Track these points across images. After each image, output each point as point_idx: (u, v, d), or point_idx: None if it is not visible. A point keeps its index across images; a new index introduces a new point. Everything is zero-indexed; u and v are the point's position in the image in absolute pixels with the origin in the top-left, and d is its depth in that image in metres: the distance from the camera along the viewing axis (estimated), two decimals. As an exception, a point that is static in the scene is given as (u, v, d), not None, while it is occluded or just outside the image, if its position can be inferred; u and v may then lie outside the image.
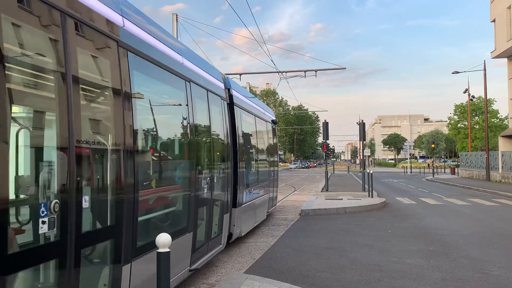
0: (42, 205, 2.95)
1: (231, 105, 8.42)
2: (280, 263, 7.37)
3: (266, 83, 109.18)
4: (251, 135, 10.37)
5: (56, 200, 3.03)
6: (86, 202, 3.37)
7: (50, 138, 3.20)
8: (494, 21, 32.60)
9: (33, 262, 2.94)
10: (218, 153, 7.44)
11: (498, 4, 31.81)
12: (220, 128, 7.54)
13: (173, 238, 4.01)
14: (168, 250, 3.62)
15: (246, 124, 9.60)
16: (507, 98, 33.16)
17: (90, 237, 3.53)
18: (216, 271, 6.99)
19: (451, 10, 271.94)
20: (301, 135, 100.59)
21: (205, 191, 6.39)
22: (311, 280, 6.36)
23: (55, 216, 2.99)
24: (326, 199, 17.33)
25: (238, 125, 8.60)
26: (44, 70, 3.27)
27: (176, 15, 14.93)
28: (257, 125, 10.98)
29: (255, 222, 10.31)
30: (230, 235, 8.15)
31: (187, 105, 5.77)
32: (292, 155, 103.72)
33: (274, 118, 14.19)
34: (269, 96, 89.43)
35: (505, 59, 32.63)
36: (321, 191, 21.46)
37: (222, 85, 7.92)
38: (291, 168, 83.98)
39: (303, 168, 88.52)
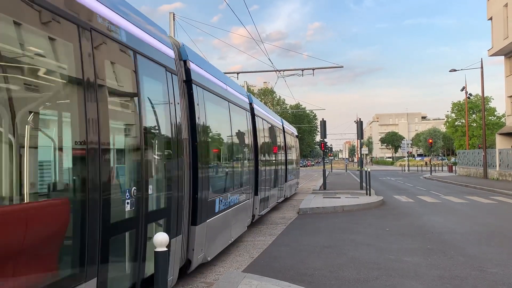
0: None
1: (283, 131, 16.73)
2: (278, 262, 7.38)
3: (264, 82, 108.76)
4: (290, 144, 18.64)
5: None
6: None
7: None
8: (491, 19, 32.68)
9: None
10: (285, 156, 16.41)
11: (494, 2, 31.89)
12: (283, 144, 16.27)
13: (275, 186, 13.97)
14: (166, 249, 3.57)
15: (287, 139, 17.90)
16: (504, 96, 33.25)
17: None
18: (214, 269, 6.99)
19: (448, 9, 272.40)
20: (298, 134, 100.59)
21: (280, 173, 14.65)
22: (309, 279, 6.36)
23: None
24: (324, 197, 17.36)
25: (286, 140, 17.28)
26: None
27: (174, 14, 14.89)
28: (291, 141, 19.63)
29: (291, 193, 18.74)
30: (283, 196, 16.07)
31: (277, 137, 14.44)
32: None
33: (297, 134, 24.30)
34: (266, 95, 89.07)
35: (502, 57, 32.72)
36: (319, 190, 21.49)
37: (281, 123, 16.31)
38: None
39: (300, 166, 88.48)
